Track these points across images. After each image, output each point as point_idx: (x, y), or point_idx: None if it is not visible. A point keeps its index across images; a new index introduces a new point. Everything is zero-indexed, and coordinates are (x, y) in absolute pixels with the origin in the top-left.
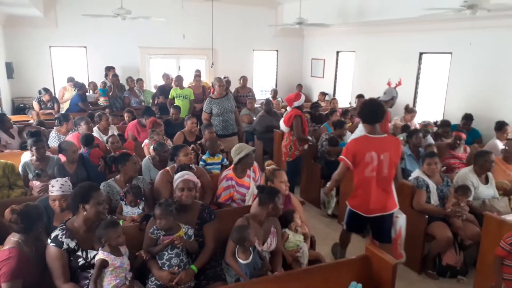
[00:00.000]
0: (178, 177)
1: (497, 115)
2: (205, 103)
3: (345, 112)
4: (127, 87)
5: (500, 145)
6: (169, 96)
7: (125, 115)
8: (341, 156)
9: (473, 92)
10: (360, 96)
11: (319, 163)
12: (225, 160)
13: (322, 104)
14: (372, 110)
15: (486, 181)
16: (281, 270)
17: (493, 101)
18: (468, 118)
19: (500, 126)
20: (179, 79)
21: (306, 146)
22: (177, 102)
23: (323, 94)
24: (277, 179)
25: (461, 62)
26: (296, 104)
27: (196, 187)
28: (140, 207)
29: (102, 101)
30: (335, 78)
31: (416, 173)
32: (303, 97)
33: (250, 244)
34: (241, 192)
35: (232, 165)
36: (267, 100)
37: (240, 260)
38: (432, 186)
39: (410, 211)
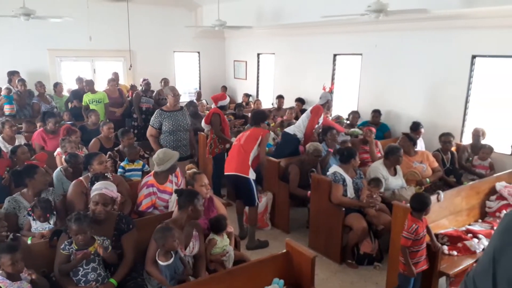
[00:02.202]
0: (96, 189)
1: (403, 110)
2: (154, 116)
3: (268, 112)
4: (36, 93)
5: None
6: (83, 103)
7: (38, 124)
8: None
9: (381, 90)
10: (280, 97)
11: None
12: (146, 166)
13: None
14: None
15: (395, 173)
16: (205, 274)
17: (399, 98)
18: (376, 111)
19: (416, 127)
20: (90, 84)
21: (227, 146)
22: (91, 107)
23: (247, 95)
24: (198, 182)
25: (370, 62)
26: (220, 103)
27: (114, 202)
28: (51, 222)
29: (7, 109)
30: (258, 80)
31: (333, 168)
32: (228, 99)
33: (171, 246)
34: (164, 198)
35: (153, 171)
36: (192, 103)
37: (161, 262)
38: (348, 180)
39: (328, 204)
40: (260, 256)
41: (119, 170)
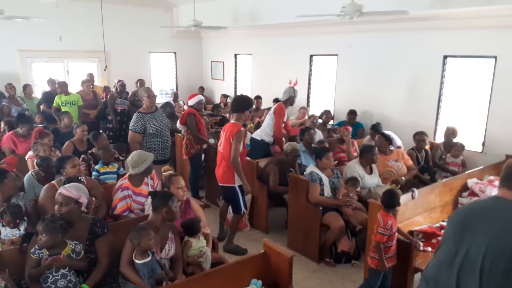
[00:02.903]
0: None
1: (378, 110)
2: (134, 121)
3: None
4: (6, 95)
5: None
6: (54, 104)
7: (1, 126)
8: None
9: (357, 90)
10: (258, 97)
11: None
12: (122, 168)
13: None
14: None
15: (371, 172)
16: (182, 276)
17: (374, 98)
18: (352, 113)
19: (375, 127)
20: (63, 85)
21: (205, 146)
22: (64, 109)
23: (225, 96)
24: (174, 185)
25: (345, 63)
26: (190, 102)
27: (78, 203)
28: (21, 228)
29: None
30: (235, 80)
31: (310, 168)
32: (198, 97)
33: (146, 245)
34: (139, 201)
35: (127, 174)
36: (168, 104)
37: (137, 261)
38: (325, 179)
39: (306, 204)
40: (238, 257)
41: (94, 173)
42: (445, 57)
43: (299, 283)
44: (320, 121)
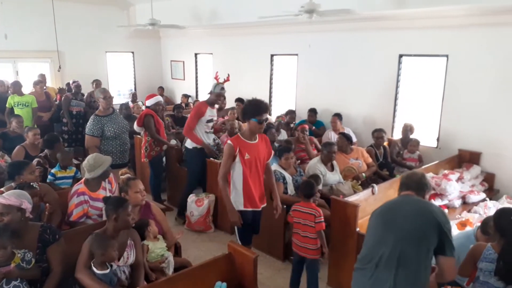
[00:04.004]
0: None
1: (338, 108)
2: (91, 124)
3: None
4: None
5: (334, 135)
6: (7, 105)
7: None
8: None
9: (317, 89)
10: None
11: (185, 167)
12: (79, 173)
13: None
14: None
15: (332, 169)
16: (143, 283)
17: (334, 97)
18: (312, 111)
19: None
20: (16, 85)
21: (165, 147)
22: (17, 111)
23: (186, 96)
24: (132, 189)
25: (305, 62)
26: (147, 103)
27: (21, 210)
28: None
29: None
30: (196, 80)
31: (273, 167)
32: (156, 98)
33: (110, 256)
34: (97, 206)
35: (83, 178)
36: (124, 105)
37: (97, 271)
38: (288, 178)
39: (270, 203)
40: (202, 260)
41: (49, 177)
42: (401, 56)
43: (264, 283)
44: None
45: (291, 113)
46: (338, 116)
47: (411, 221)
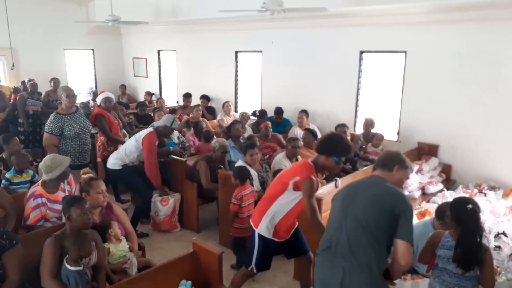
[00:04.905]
0: None
1: (303, 105)
2: (51, 122)
3: (172, 111)
4: None
5: (299, 131)
6: None
7: None
8: None
9: (282, 86)
10: (187, 95)
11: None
12: (37, 176)
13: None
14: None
15: None
16: (105, 285)
17: (299, 94)
18: (278, 112)
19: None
20: None
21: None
22: None
23: (149, 94)
24: (94, 189)
25: (270, 59)
26: (98, 102)
27: None
28: None
29: None
30: (160, 77)
31: (239, 163)
32: (104, 94)
33: (87, 250)
34: (56, 209)
35: (41, 180)
36: (84, 104)
37: (71, 268)
38: (254, 174)
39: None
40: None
41: (3, 182)
42: (362, 52)
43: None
44: (253, 117)
45: (263, 115)
46: (305, 112)
47: (364, 207)
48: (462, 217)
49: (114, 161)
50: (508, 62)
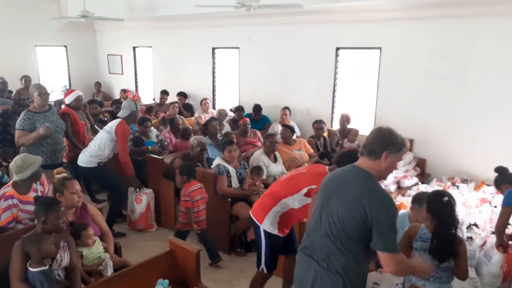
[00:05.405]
0: None
1: (280, 102)
2: (22, 119)
3: (149, 108)
4: None
5: (280, 127)
6: None
7: None
8: None
9: (260, 82)
10: (164, 93)
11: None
12: (6, 176)
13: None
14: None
15: (275, 160)
16: (80, 286)
17: (276, 90)
18: (256, 109)
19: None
20: None
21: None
22: None
23: (125, 91)
24: (68, 189)
25: (247, 56)
26: (66, 100)
27: None
28: None
29: None
30: (135, 74)
31: (217, 160)
32: (75, 93)
33: (47, 250)
34: (28, 210)
35: (11, 181)
36: (58, 102)
37: (32, 269)
38: (232, 171)
39: (215, 196)
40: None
41: None
42: (337, 48)
43: (210, 277)
44: (231, 114)
45: (239, 110)
46: (287, 109)
47: (337, 211)
48: (438, 210)
49: (88, 159)
50: (476, 58)
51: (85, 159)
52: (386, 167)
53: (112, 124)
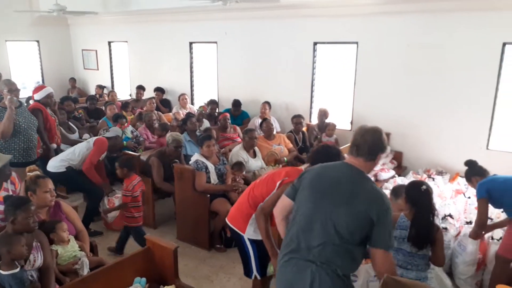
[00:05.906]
0: None
1: (259, 97)
2: None
3: (125, 104)
4: None
5: (260, 121)
6: None
7: None
8: None
9: (239, 77)
10: (140, 88)
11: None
12: None
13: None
14: None
15: (254, 155)
16: (54, 287)
17: (254, 85)
18: (236, 104)
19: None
20: None
21: (54, 146)
22: None
23: (100, 87)
24: (41, 188)
25: (225, 50)
26: (36, 96)
27: None
28: None
29: None
30: (111, 70)
31: (195, 157)
32: (46, 90)
33: (18, 252)
34: None
35: None
36: (29, 98)
37: (2, 272)
38: (211, 167)
39: (193, 193)
40: (121, 258)
41: None
42: (315, 43)
43: (190, 274)
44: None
45: (212, 103)
46: (268, 103)
47: (338, 210)
48: (417, 198)
49: (58, 164)
50: (451, 53)
51: (54, 164)
52: (375, 166)
53: (95, 138)
